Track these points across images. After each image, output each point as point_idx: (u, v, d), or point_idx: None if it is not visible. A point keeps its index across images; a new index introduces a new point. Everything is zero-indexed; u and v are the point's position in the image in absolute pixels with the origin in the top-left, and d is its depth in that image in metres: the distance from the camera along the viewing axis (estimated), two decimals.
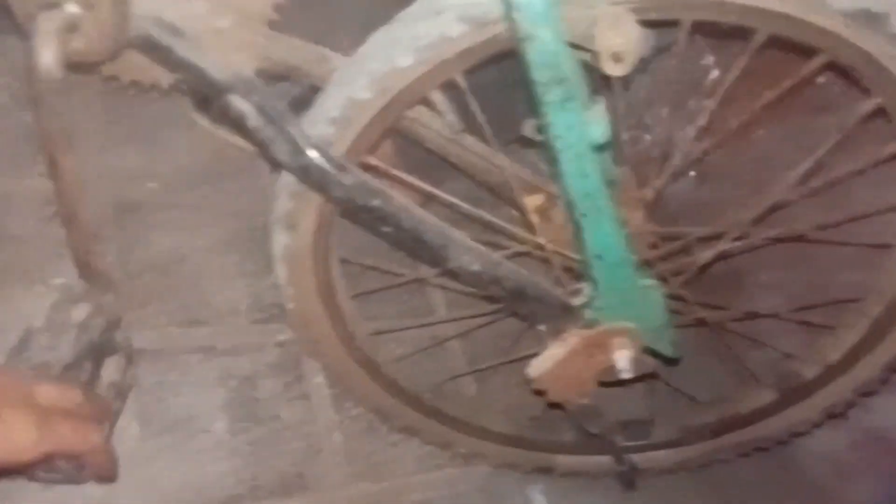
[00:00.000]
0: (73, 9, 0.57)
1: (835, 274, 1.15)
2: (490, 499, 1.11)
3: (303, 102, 1.16)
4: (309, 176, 0.72)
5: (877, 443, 1.16)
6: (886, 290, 0.89)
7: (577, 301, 0.84)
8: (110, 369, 0.83)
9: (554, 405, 0.92)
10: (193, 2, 0.68)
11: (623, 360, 0.85)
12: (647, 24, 0.68)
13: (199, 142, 1.22)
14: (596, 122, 0.70)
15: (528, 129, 0.94)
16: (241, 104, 0.68)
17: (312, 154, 0.71)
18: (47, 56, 0.57)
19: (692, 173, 1.35)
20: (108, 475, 0.74)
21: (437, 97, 0.77)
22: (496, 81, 0.90)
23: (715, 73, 1.29)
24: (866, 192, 1.04)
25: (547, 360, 0.84)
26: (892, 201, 0.89)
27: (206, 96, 1.01)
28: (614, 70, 0.67)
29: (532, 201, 0.94)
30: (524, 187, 0.92)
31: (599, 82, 0.77)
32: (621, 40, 0.65)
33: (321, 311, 0.93)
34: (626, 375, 0.85)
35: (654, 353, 0.90)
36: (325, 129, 0.75)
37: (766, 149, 1.24)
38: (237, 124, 0.71)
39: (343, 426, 1.07)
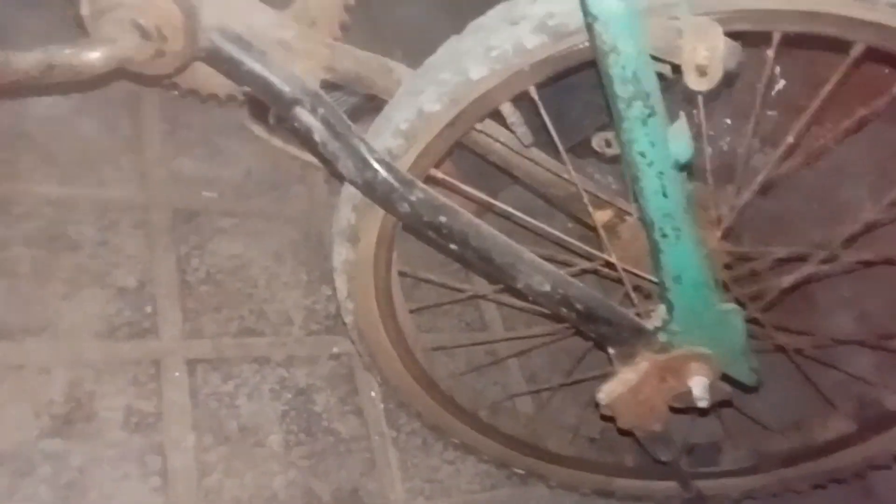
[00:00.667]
0: (142, 35, 0.56)
1: None
2: None
3: (359, 112, 1.15)
4: (375, 191, 0.70)
5: None
6: None
7: (650, 324, 0.80)
8: None
9: (623, 431, 0.88)
10: (260, 13, 0.66)
11: (699, 387, 0.80)
12: (735, 36, 0.64)
13: (256, 151, 1.21)
14: (679, 139, 0.66)
15: (597, 142, 0.90)
16: (307, 118, 0.66)
17: (379, 169, 0.68)
18: (97, 58, 0.55)
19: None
20: None
21: (508, 109, 0.74)
22: (568, 87, 0.87)
23: (781, 84, 1.23)
24: None
25: (618, 386, 0.81)
26: None
27: (265, 106, 1.00)
28: (699, 84, 0.63)
29: (601, 217, 0.91)
30: (592, 202, 0.88)
31: (675, 98, 0.73)
32: (707, 53, 0.61)
33: (380, 324, 0.91)
34: (703, 404, 0.81)
35: (730, 380, 0.85)
36: (391, 141, 0.72)
37: (835, 159, 1.17)
38: (303, 138, 0.69)
39: (398, 442, 1.04)
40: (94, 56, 0.54)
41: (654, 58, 0.64)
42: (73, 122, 1.08)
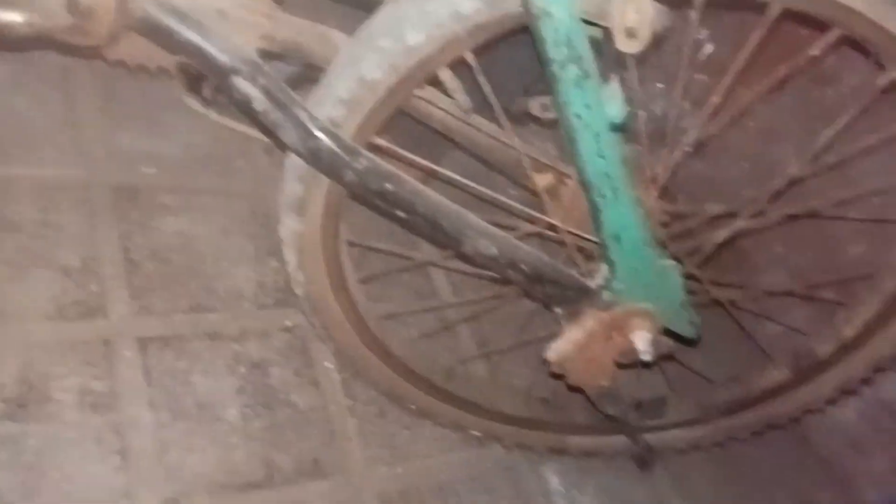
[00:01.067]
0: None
1: (841, 248, 1.14)
2: (506, 479, 1.11)
3: (298, 81, 1.14)
4: (319, 160, 0.71)
5: (889, 416, 1.16)
6: None
7: (594, 283, 0.83)
8: None
9: (573, 388, 0.91)
10: None
11: (643, 341, 0.84)
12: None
13: (196, 125, 1.19)
14: (612, 101, 0.68)
15: (534, 107, 0.92)
16: (246, 87, 0.66)
17: (323, 138, 0.69)
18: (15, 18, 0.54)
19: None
20: None
21: (446, 75, 0.75)
22: (498, 58, 0.88)
23: (709, 48, 1.27)
24: (873, 165, 1.03)
25: (566, 344, 0.83)
26: None
27: (200, 80, 0.99)
28: (629, 47, 0.65)
29: (542, 180, 0.93)
30: (533, 166, 0.90)
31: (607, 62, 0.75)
32: (636, 16, 0.63)
33: (332, 295, 0.92)
34: (647, 358, 0.84)
35: (671, 334, 0.89)
36: (333, 110, 0.73)
37: (766, 121, 1.22)
38: (243, 108, 0.68)
39: (355, 411, 1.06)
40: (13, 18, 0.53)
41: (586, 21, 0.66)
42: (4, 99, 1.06)
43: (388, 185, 0.73)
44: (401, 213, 0.75)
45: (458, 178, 0.83)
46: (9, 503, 0.80)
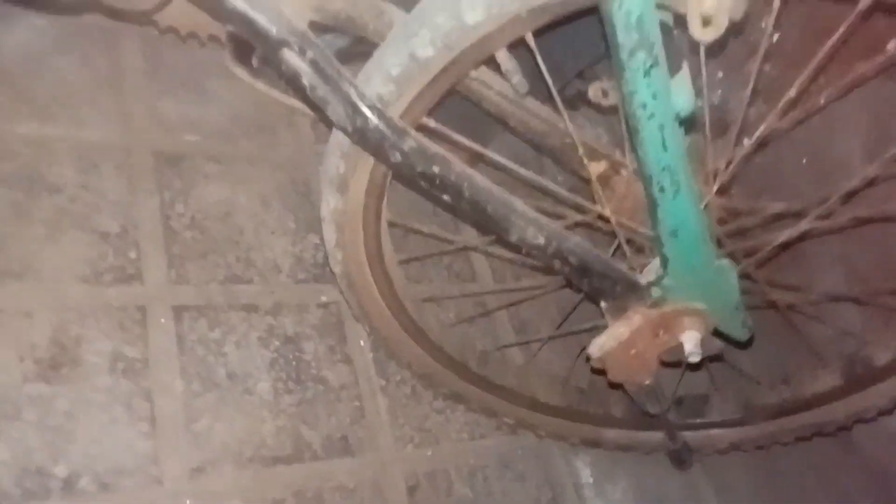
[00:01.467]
0: None
1: None
2: (537, 468, 1.09)
3: (348, 55, 1.11)
4: (365, 139, 0.67)
5: None
6: None
7: (644, 279, 0.79)
8: None
9: (613, 385, 0.88)
10: None
11: (691, 342, 0.80)
12: None
13: (242, 93, 1.17)
14: (681, 92, 0.64)
15: (593, 92, 0.88)
16: (295, 60, 0.63)
17: (370, 116, 0.66)
18: None
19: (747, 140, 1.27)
20: None
21: (503, 56, 0.71)
22: (555, 40, 0.84)
23: (775, 36, 1.19)
24: None
25: (610, 340, 0.80)
26: None
27: (248, 48, 0.96)
28: (704, 35, 0.61)
29: (595, 169, 0.89)
30: (587, 153, 0.86)
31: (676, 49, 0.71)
32: (714, 2, 0.59)
33: (369, 275, 0.90)
34: (694, 359, 0.81)
35: (721, 335, 0.85)
36: (382, 87, 0.69)
37: (827, 114, 1.15)
38: (290, 81, 0.66)
39: (387, 390, 1.04)
40: None
41: (659, 6, 0.61)
42: (50, 59, 1.04)
43: (435, 168, 0.70)
44: (446, 197, 0.72)
45: (507, 162, 0.79)
46: (37, 463, 0.80)
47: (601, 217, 0.85)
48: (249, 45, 0.67)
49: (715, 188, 0.80)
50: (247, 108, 1.16)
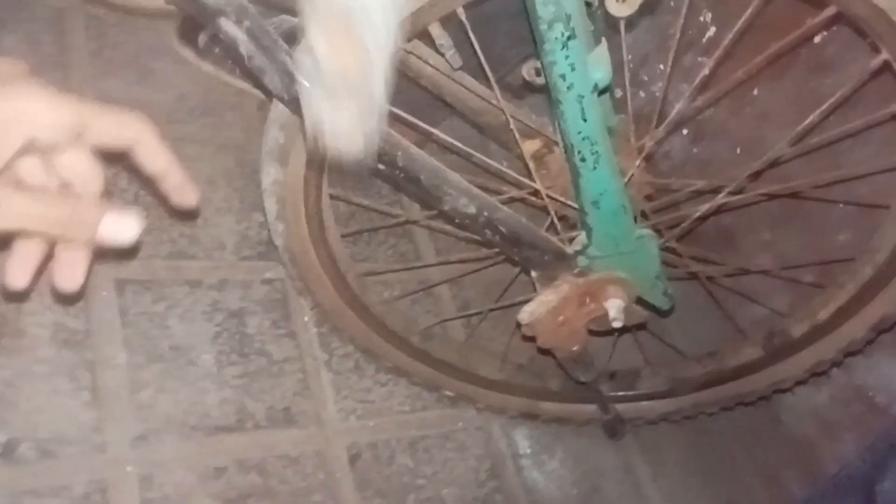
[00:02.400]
0: None
1: (827, 233, 1.15)
2: (477, 439, 1.12)
3: (295, 36, 1.13)
4: (301, 108, 0.70)
5: (858, 398, 1.18)
6: (879, 251, 0.89)
7: (571, 248, 0.83)
8: None
9: (544, 352, 0.92)
10: None
11: (615, 309, 0.84)
12: None
13: (188, 75, 1.18)
14: (598, 64, 0.68)
15: (526, 70, 0.92)
16: (232, 29, 0.65)
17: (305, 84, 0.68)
18: None
19: (685, 131, 1.33)
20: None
21: (437, 31, 0.75)
22: (492, 18, 0.88)
23: (712, 30, 1.26)
24: (863, 152, 1.03)
25: (539, 307, 0.84)
26: (890, 162, 0.87)
27: (195, 29, 0.97)
28: (619, 10, 0.65)
29: (529, 146, 0.93)
30: (522, 131, 0.90)
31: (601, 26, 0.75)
32: None
33: (311, 248, 0.92)
34: (618, 325, 0.85)
35: (645, 304, 0.89)
36: None
37: (763, 107, 1.22)
38: (228, 51, 0.68)
39: (331, 364, 1.07)
40: None
41: None
42: None
43: None
44: (381, 167, 0.75)
45: (448, 139, 0.82)
46: None
47: (536, 193, 0.89)
48: (196, 26, 0.69)
49: (638, 161, 0.84)
50: (193, 89, 1.18)
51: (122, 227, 0.46)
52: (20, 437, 0.82)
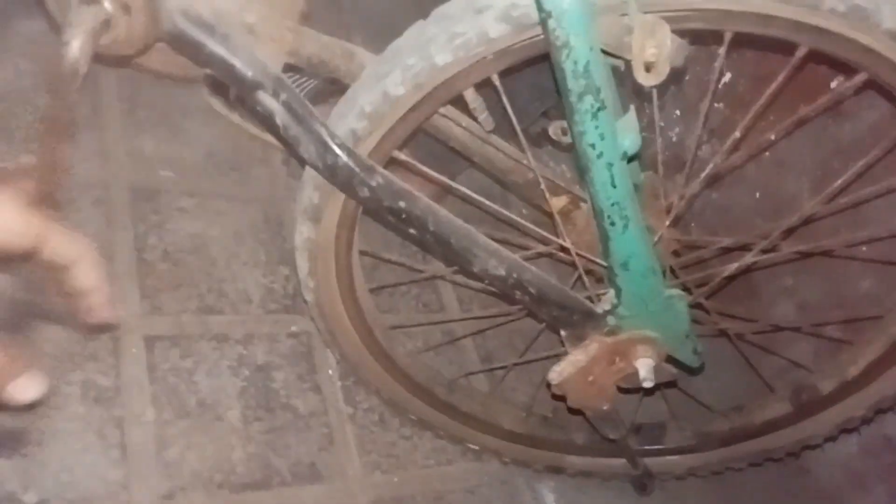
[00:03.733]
0: (107, 5, 0.56)
1: (850, 280, 1.14)
2: (502, 493, 1.11)
3: (320, 95, 1.16)
4: (335, 176, 0.71)
5: (889, 449, 1.16)
6: None
7: (600, 308, 0.83)
8: None
9: (573, 410, 0.92)
10: None
11: (645, 368, 0.84)
12: (684, 34, 0.66)
13: (217, 132, 1.21)
14: (627, 131, 0.69)
15: (553, 130, 0.93)
16: (269, 102, 0.67)
17: (340, 154, 0.70)
18: (75, 51, 0.56)
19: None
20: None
21: (471, 96, 0.76)
22: (521, 80, 0.89)
23: (727, 77, 1.27)
24: (892, 207, 1.03)
25: (568, 367, 0.84)
26: None
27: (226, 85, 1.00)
28: (647, 80, 0.66)
29: (557, 203, 0.93)
30: (549, 188, 0.91)
31: (630, 90, 0.76)
32: (655, 50, 0.64)
33: (340, 303, 0.93)
34: (648, 384, 0.85)
35: (675, 362, 0.89)
36: (356, 123, 0.74)
37: (781, 153, 1.22)
38: (264, 121, 0.69)
39: (355, 418, 1.07)
40: (73, 47, 0.55)
41: (606, 53, 0.66)
42: (30, 96, 1.07)
43: (402, 203, 0.74)
44: (412, 230, 0.76)
45: (473, 195, 0.83)
46: (8, 491, 0.81)
47: (563, 249, 0.90)
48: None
49: (668, 222, 0.85)
50: (222, 145, 1.21)
51: (28, 387, 0.48)
52: (50, 498, 0.83)
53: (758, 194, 1.26)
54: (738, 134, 0.77)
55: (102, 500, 0.85)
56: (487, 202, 0.85)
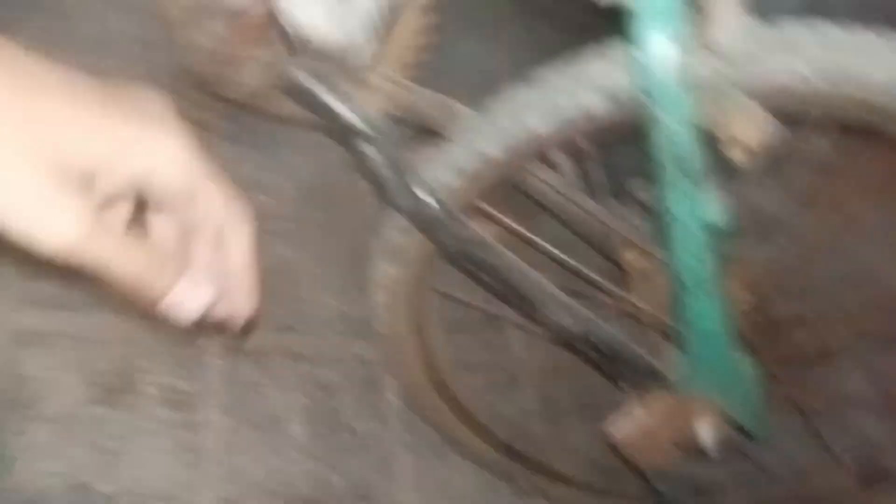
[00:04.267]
0: None
1: None
2: None
3: (413, 141, 1.19)
4: (419, 221, 0.75)
5: None
6: None
7: (666, 367, 0.84)
8: None
9: (628, 463, 0.92)
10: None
11: (707, 433, 0.84)
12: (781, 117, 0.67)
13: (311, 164, 1.28)
14: (714, 207, 0.69)
15: (636, 188, 0.94)
16: (367, 149, 0.71)
17: (428, 203, 0.73)
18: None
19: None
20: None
21: (560, 157, 0.78)
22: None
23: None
24: None
25: (629, 423, 0.85)
26: None
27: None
28: (741, 160, 0.66)
29: (630, 258, 0.94)
30: (626, 244, 0.92)
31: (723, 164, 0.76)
32: (752, 133, 0.64)
33: (410, 337, 0.96)
34: (709, 449, 0.84)
35: (739, 428, 0.88)
36: (446, 174, 0.77)
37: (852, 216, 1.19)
38: (360, 163, 0.73)
39: (414, 448, 1.09)
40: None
41: (699, 128, 0.67)
42: None
43: (480, 253, 0.76)
44: (486, 278, 0.79)
45: (550, 248, 0.85)
46: (84, 481, 0.87)
47: (634, 305, 0.91)
48: None
49: (748, 293, 0.85)
50: (314, 177, 1.28)
51: (192, 298, 0.37)
52: (122, 492, 0.88)
53: (836, 260, 1.23)
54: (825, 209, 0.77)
55: (168, 499, 0.90)
56: (562, 255, 0.86)
